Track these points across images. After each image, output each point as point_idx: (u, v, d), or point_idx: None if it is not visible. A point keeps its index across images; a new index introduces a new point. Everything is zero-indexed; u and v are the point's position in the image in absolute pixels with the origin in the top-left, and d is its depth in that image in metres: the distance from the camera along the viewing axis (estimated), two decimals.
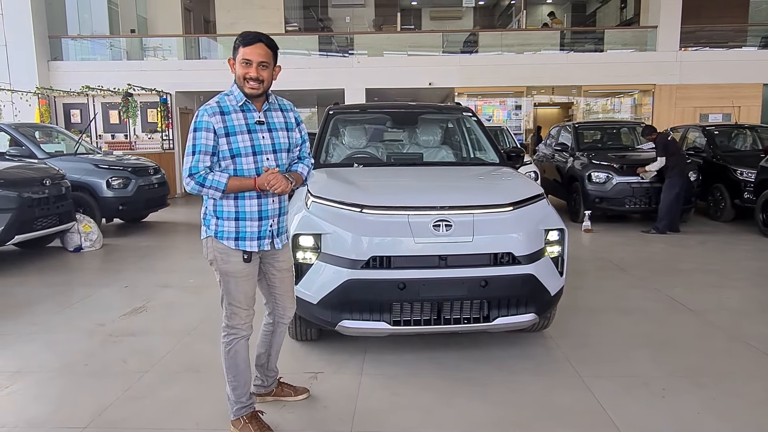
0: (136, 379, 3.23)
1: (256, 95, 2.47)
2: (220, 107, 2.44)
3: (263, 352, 2.86)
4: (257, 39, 2.43)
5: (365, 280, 3.05)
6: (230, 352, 2.57)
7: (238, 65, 2.44)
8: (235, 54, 2.45)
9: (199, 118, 2.41)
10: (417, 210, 3.16)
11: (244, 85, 2.44)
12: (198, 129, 2.40)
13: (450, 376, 3.26)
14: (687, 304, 4.62)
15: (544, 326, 3.80)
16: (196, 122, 2.41)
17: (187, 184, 2.41)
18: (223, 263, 2.50)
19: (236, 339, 2.57)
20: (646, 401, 2.95)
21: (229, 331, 2.57)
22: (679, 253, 6.66)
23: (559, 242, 3.39)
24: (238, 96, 2.48)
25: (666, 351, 3.63)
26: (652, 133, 8.17)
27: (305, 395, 3.00)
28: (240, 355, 2.58)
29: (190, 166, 2.39)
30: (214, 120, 2.41)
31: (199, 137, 2.40)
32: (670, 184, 7.73)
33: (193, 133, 2.41)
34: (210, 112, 2.41)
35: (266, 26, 15.59)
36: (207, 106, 2.45)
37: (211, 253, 2.51)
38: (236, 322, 2.56)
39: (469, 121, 5.01)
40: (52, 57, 14.01)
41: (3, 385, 3.18)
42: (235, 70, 2.46)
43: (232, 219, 2.48)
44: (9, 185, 5.95)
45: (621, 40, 15.40)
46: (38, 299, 4.89)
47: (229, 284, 2.52)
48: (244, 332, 2.58)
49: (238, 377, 2.59)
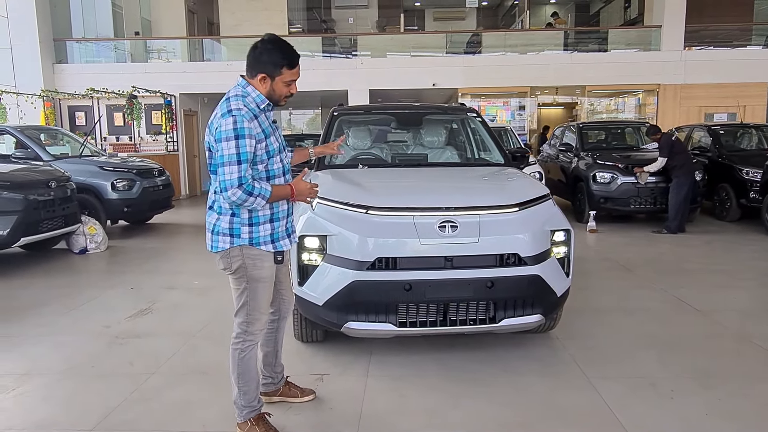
0: (142, 381, 3.23)
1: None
2: (251, 111, 2.39)
3: (270, 350, 2.86)
4: (298, 58, 2.45)
5: (371, 282, 3.05)
6: (245, 359, 2.54)
7: (280, 84, 2.42)
8: (272, 72, 2.40)
9: (239, 125, 2.30)
10: (422, 211, 3.15)
11: (280, 100, 2.47)
12: (241, 136, 2.30)
13: (456, 377, 3.25)
14: (693, 304, 4.60)
15: (551, 327, 3.79)
16: (238, 129, 2.30)
17: (234, 194, 2.30)
18: (255, 269, 2.47)
19: (251, 346, 2.56)
20: (654, 402, 2.93)
21: (245, 338, 2.54)
22: (685, 253, 6.64)
23: (565, 243, 3.38)
24: (258, 98, 2.44)
25: (673, 351, 3.62)
26: (656, 133, 8.14)
27: (311, 397, 2.99)
28: (252, 361, 2.58)
29: (239, 176, 2.29)
30: (253, 125, 2.35)
31: (243, 145, 2.30)
32: (678, 184, 7.69)
33: (235, 141, 2.29)
34: (248, 117, 2.34)
35: (270, 28, 15.55)
36: (240, 110, 2.34)
37: (239, 261, 2.45)
38: (256, 328, 2.55)
39: (473, 122, 5.01)
40: (57, 60, 14.07)
41: (11, 387, 3.19)
42: (268, 86, 2.42)
43: (267, 222, 2.47)
44: (15, 187, 5.98)
45: (625, 39, 15.36)
46: (44, 301, 4.90)
47: (257, 290, 2.50)
48: (258, 338, 2.60)
49: (250, 383, 2.57)
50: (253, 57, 2.44)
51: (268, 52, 2.41)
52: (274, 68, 2.40)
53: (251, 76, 2.44)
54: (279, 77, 2.41)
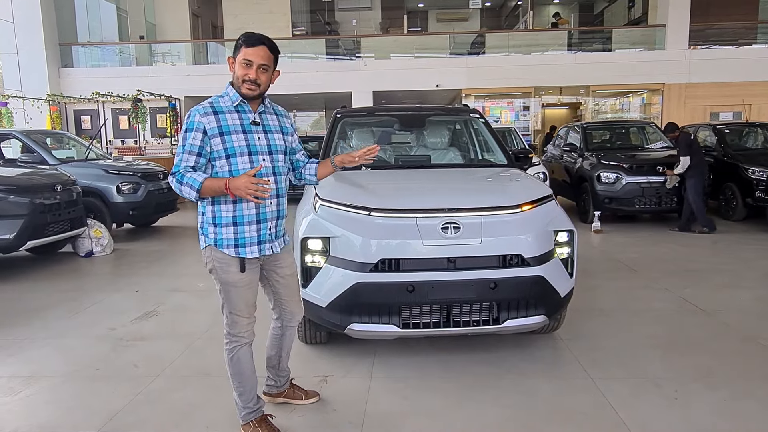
0: (146, 384, 3.25)
1: (252, 97, 2.44)
2: (213, 107, 2.42)
3: (274, 354, 2.85)
4: (260, 41, 2.40)
5: (374, 283, 3.05)
6: (233, 359, 2.55)
7: (238, 65, 2.41)
8: (235, 53, 2.42)
9: (191, 118, 2.39)
10: (425, 212, 3.15)
11: (241, 85, 2.41)
12: (189, 129, 2.38)
13: (460, 379, 3.25)
14: (699, 304, 4.58)
15: (555, 328, 3.78)
16: (188, 123, 2.39)
17: (171, 181, 2.38)
18: (223, 273, 2.46)
19: (238, 346, 2.54)
20: (659, 403, 2.92)
21: (230, 339, 2.55)
22: (690, 253, 6.60)
23: (568, 243, 3.37)
24: (233, 96, 2.45)
25: (678, 352, 3.60)
26: (674, 130, 7.99)
27: (315, 399, 3.00)
28: (243, 361, 2.56)
29: (176, 164, 2.39)
30: (205, 120, 2.38)
31: (188, 137, 2.37)
32: (694, 183, 7.62)
33: (183, 133, 2.39)
34: (202, 113, 2.39)
35: (274, 30, 15.68)
36: (199, 106, 2.43)
37: (211, 263, 2.48)
38: (237, 330, 2.53)
39: (476, 123, 5.01)
40: (62, 64, 14.18)
41: (16, 389, 3.21)
42: (233, 70, 2.43)
43: (230, 225, 2.43)
44: (21, 191, 6.02)
45: (629, 39, 15.33)
46: (50, 304, 4.93)
47: (230, 293, 2.49)
48: (246, 339, 2.56)
49: (244, 383, 2.57)
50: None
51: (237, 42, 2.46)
52: (235, 48, 2.44)
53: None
54: (238, 56, 2.41)
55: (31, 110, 12.99)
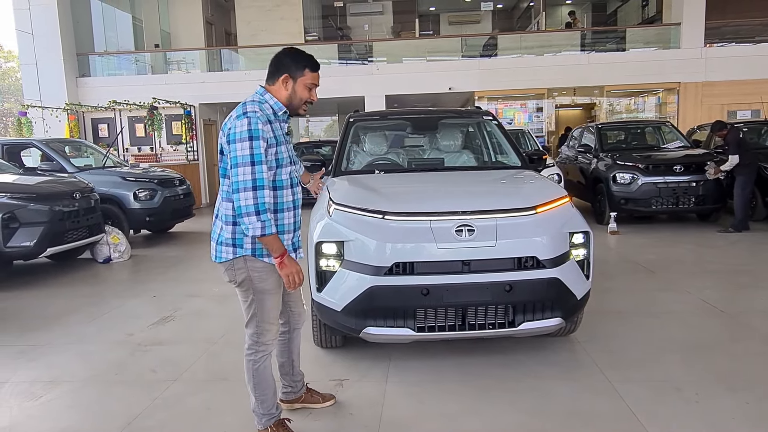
0: (164, 388, 3.28)
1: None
2: (267, 116, 2.35)
3: (285, 361, 2.87)
4: (319, 65, 2.49)
5: (389, 287, 3.05)
6: (259, 369, 2.52)
7: (300, 86, 2.43)
8: (294, 73, 2.42)
9: (253, 126, 2.24)
10: (439, 215, 3.15)
11: (301, 106, 2.47)
12: (255, 138, 2.24)
13: (476, 382, 3.23)
14: (719, 306, 4.50)
15: (571, 330, 3.75)
16: (252, 130, 2.23)
17: (246, 198, 2.22)
18: (261, 281, 2.44)
19: (264, 356, 2.53)
20: (679, 407, 2.87)
21: (257, 348, 2.51)
22: (709, 254, 6.50)
23: (584, 245, 3.34)
24: (275, 105, 2.43)
25: (698, 354, 3.54)
26: (722, 129, 7.80)
27: (332, 401, 3.00)
28: (267, 370, 2.56)
29: (254, 178, 2.23)
30: (267, 128, 2.31)
31: (258, 146, 2.24)
32: (743, 182, 7.51)
33: (249, 141, 2.23)
34: (263, 120, 2.30)
35: (286, 37, 15.79)
36: (255, 113, 2.28)
37: (244, 273, 2.43)
38: (267, 338, 2.52)
39: (489, 125, 4.99)
40: (80, 73, 14.41)
41: (38, 394, 3.26)
42: (289, 88, 2.43)
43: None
44: (41, 199, 6.12)
45: (643, 38, 15.17)
46: (70, 310, 5.00)
47: (265, 302, 2.47)
48: (271, 348, 2.57)
49: (266, 391, 2.56)
50: (276, 61, 2.47)
51: (291, 56, 2.46)
52: (296, 69, 2.43)
53: (272, 82, 2.46)
54: (301, 78, 2.43)
55: (50, 119, 13.22)
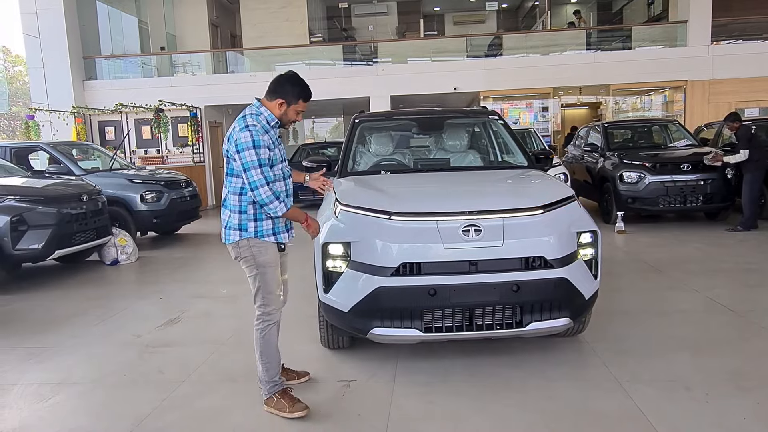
0: (172, 390, 3.28)
1: None
2: (263, 127, 2.84)
3: None
4: (311, 95, 2.96)
5: (396, 287, 3.05)
6: (266, 337, 2.91)
7: (292, 111, 2.92)
8: (289, 99, 2.89)
9: (256, 137, 2.76)
10: (446, 215, 3.14)
11: (288, 123, 2.97)
12: (258, 146, 2.76)
13: (484, 383, 3.22)
14: (728, 304, 4.47)
15: (579, 330, 3.73)
16: (254, 140, 2.75)
17: (265, 192, 2.75)
18: (261, 256, 2.88)
19: (270, 325, 2.92)
20: (689, 406, 2.85)
21: (264, 318, 2.92)
22: (717, 253, 6.46)
23: (592, 244, 3.32)
24: (269, 116, 2.90)
25: (707, 354, 3.52)
26: (735, 121, 7.75)
27: (306, 378, 3.30)
28: (272, 339, 2.94)
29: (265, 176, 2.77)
30: (266, 137, 2.82)
31: (261, 152, 2.77)
32: (751, 180, 7.46)
33: (254, 149, 2.74)
34: (262, 132, 2.81)
35: (291, 38, 15.82)
36: (255, 126, 2.80)
37: (248, 251, 2.88)
38: (272, 308, 2.92)
39: (495, 125, 4.97)
40: (87, 77, 14.49)
41: (46, 396, 3.28)
42: (283, 110, 2.90)
43: (269, 219, 2.89)
44: (49, 202, 6.16)
45: (650, 36, 15.08)
46: (78, 312, 5.03)
47: (266, 274, 2.89)
48: (276, 317, 2.95)
49: (271, 359, 2.94)
50: (277, 84, 2.91)
51: (291, 85, 2.90)
52: (293, 97, 2.90)
53: (269, 99, 2.91)
54: (294, 106, 2.91)
55: (57, 122, 13.29)
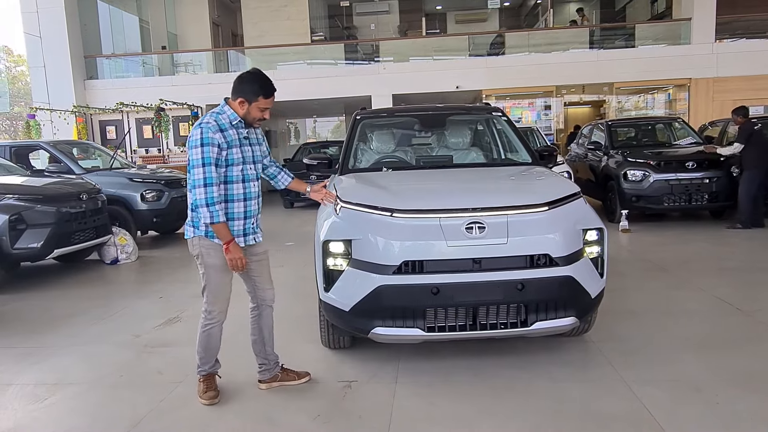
0: (170, 390, 3.23)
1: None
2: (218, 125, 2.82)
3: (257, 338, 3.16)
4: (275, 90, 2.89)
5: (398, 286, 2.98)
6: (205, 333, 3.00)
7: (254, 109, 2.87)
8: (250, 98, 2.84)
9: (205, 134, 2.75)
10: (449, 212, 3.07)
11: (254, 122, 2.93)
12: (205, 144, 2.74)
13: (488, 384, 3.15)
14: (735, 304, 4.39)
15: (585, 330, 3.66)
16: (202, 138, 2.74)
17: (200, 193, 2.73)
18: (209, 257, 2.89)
19: (212, 324, 2.99)
20: (699, 408, 2.78)
21: (207, 316, 2.98)
22: (724, 252, 6.38)
23: (598, 242, 3.25)
24: (232, 116, 2.87)
25: (716, 354, 3.44)
26: (739, 114, 7.70)
27: (307, 378, 3.23)
28: (213, 337, 3.01)
29: (205, 177, 2.73)
30: (217, 136, 2.79)
31: (207, 151, 2.75)
32: (748, 177, 7.41)
33: (200, 147, 2.74)
34: (213, 130, 2.79)
35: (292, 37, 15.77)
36: (207, 124, 2.79)
37: (197, 249, 2.91)
38: (214, 308, 2.96)
39: (499, 122, 4.90)
40: (88, 76, 14.47)
41: (42, 397, 3.22)
42: (245, 109, 2.85)
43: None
44: (48, 200, 6.10)
45: (653, 34, 15.00)
46: (76, 312, 4.97)
47: (212, 275, 2.91)
48: (219, 318, 2.99)
49: (207, 352, 3.04)
50: (238, 82, 2.88)
51: (249, 82, 2.86)
52: (252, 95, 2.85)
53: (234, 99, 2.88)
54: (255, 103, 2.86)
55: (59, 122, 13.27)
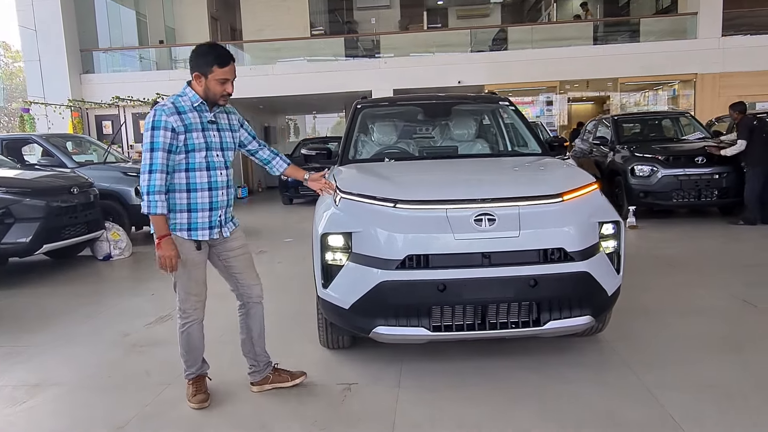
0: (158, 392, 3.03)
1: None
2: (176, 107, 2.58)
3: (245, 338, 2.96)
4: (231, 58, 2.63)
5: (401, 282, 2.78)
6: (184, 333, 2.80)
7: (212, 82, 2.59)
8: (205, 70, 2.58)
9: (157, 117, 2.52)
10: (456, 203, 2.87)
11: (219, 99, 2.64)
12: (156, 128, 2.51)
13: (497, 387, 2.95)
14: (753, 301, 4.20)
15: (599, 330, 3.46)
16: (154, 121, 2.51)
17: (144, 179, 2.52)
18: None
19: (189, 323, 2.78)
20: (725, 413, 2.58)
21: (182, 315, 2.78)
22: (736, 249, 6.19)
23: (614, 236, 3.05)
24: (193, 97, 2.63)
25: (737, 354, 3.24)
26: (737, 110, 7.59)
27: (302, 378, 3.01)
28: (193, 337, 2.81)
29: (151, 163, 2.50)
30: (172, 119, 2.54)
31: (158, 135, 2.51)
32: (753, 174, 7.24)
33: (151, 131, 2.51)
34: (168, 112, 2.55)
35: (292, 31, 15.55)
36: (163, 107, 2.56)
37: None
38: (188, 306, 2.76)
39: (506, 111, 4.69)
40: (83, 70, 14.25)
41: (21, 399, 3.02)
42: (202, 84, 2.60)
43: (184, 211, 2.65)
44: (37, 194, 5.90)
45: (658, 29, 14.78)
46: (67, 309, 4.78)
47: (179, 271, 2.67)
48: (195, 316, 2.79)
49: (190, 353, 2.84)
50: (191, 59, 2.64)
51: (202, 54, 2.60)
52: (205, 66, 2.59)
53: (193, 79, 2.64)
54: (211, 75, 2.59)
55: (53, 116, 13.07)
